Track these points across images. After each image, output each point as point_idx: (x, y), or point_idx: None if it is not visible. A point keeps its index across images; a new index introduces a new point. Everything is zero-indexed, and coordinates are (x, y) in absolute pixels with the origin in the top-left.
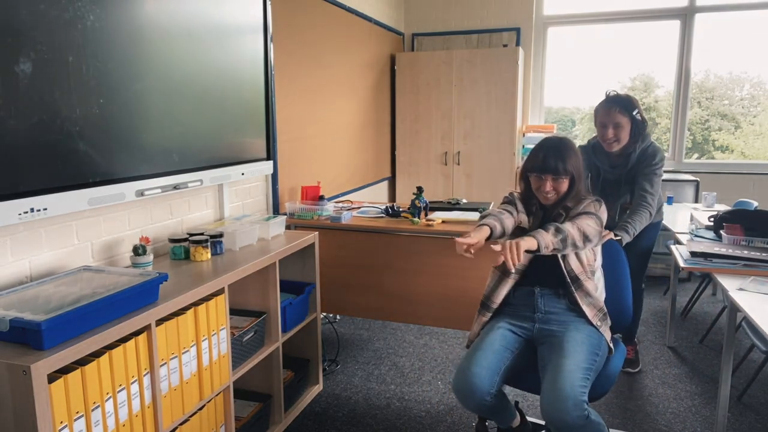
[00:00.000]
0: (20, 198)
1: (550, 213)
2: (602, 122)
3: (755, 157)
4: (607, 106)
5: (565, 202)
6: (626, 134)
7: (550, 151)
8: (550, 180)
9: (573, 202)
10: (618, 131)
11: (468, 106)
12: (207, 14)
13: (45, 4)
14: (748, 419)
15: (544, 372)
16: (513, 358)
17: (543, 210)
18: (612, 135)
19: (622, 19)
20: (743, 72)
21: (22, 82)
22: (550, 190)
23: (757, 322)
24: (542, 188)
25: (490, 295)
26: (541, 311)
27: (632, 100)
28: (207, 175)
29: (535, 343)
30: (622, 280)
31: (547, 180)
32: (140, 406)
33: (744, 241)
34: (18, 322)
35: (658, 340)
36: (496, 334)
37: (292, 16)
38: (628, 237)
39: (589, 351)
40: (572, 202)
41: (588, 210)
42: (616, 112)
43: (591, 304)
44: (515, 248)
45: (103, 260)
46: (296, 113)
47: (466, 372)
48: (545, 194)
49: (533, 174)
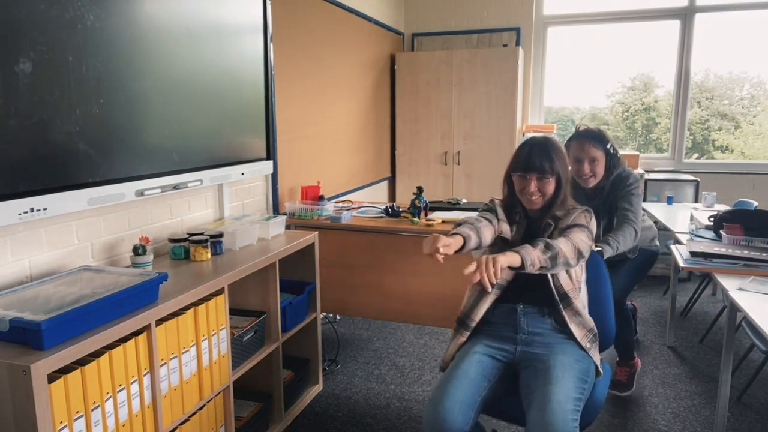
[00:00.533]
0: (20, 198)
1: (537, 223)
2: (577, 157)
3: (755, 157)
4: (581, 141)
5: (553, 209)
6: (602, 168)
7: (536, 149)
8: (535, 180)
9: (561, 211)
10: (594, 166)
11: (468, 106)
12: (207, 14)
13: (45, 4)
14: (748, 419)
15: (529, 401)
16: (491, 387)
17: (528, 219)
18: (588, 170)
19: (622, 19)
20: (743, 72)
21: (22, 82)
22: (535, 191)
23: (757, 322)
24: (526, 189)
25: (468, 312)
26: (524, 332)
27: (604, 133)
28: (207, 175)
29: (516, 368)
30: (604, 296)
31: (531, 180)
32: (140, 406)
33: (744, 241)
34: (18, 322)
35: (658, 340)
36: (472, 360)
37: (292, 16)
38: (610, 250)
39: (578, 378)
40: (560, 210)
41: (579, 222)
42: (590, 146)
43: (580, 324)
44: (491, 264)
45: (103, 260)
46: (296, 113)
47: (438, 406)
48: (529, 196)
49: (517, 174)
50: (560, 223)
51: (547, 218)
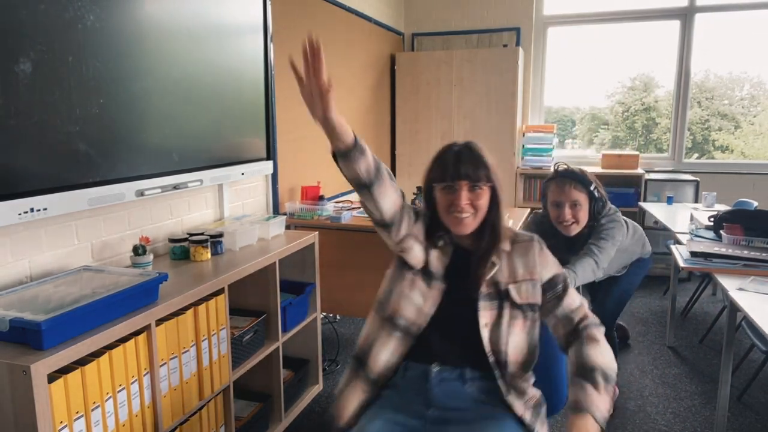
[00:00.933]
0: (20, 198)
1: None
2: (556, 201)
3: (755, 157)
4: (561, 183)
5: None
6: (585, 213)
7: (464, 153)
8: (466, 190)
9: (508, 242)
10: (576, 211)
11: (468, 106)
12: (207, 14)
13: (45, 4)
14: (748, 419)
15: None
16: None
17: (457, 251)
18: (570, 216)
19: (622, 19)
20: (743, 72)
21: (22, 82)
22: (467, 206)
23: (757, 322)
24: (456, 203)
25: (367, 349)
26: (437, 405)
27: (586, 174)
28: (207, 175)
29: None
30: (553, 347)
31: (461, 190)
32: (140, 406)
33: (744, 241)
34: (18, 322)
35: (658, 340)
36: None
37: (292, 16)
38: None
39: None
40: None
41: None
42: (571, 189)
43: (522, 392)
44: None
45: (103, 260)
46: (296, 113)
47: None
48: (458, 214)
49: (441, 185)
50: (517, 264)
51: (482, 246)
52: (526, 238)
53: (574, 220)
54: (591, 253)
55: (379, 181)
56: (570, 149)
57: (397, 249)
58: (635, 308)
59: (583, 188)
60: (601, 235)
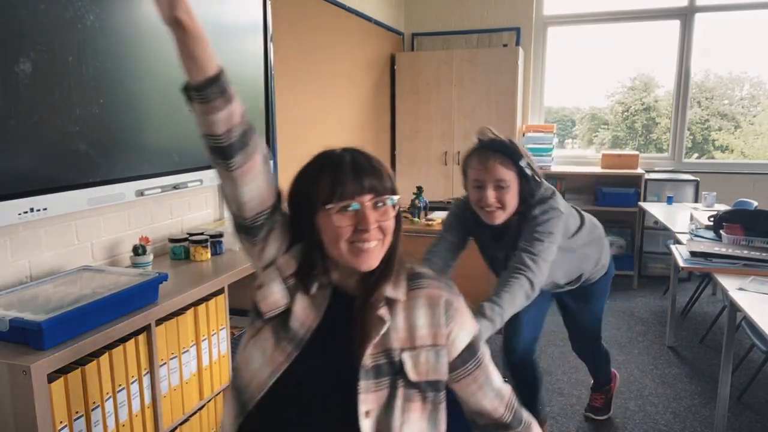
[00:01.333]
0: (20, 198)
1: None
2: (477, 180)
3: (755, 156)
4: (483, 157)
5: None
6: (513, 197)
7: (360, 160)
8: (370, 207)
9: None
10: (502, 193)
11: (468, 106)
12: (207, 14)
13: (45, 4)
14: (748, 419)
15: None
16: None
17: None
18: (493, 199)
19: (622, 19)
20: (743, 72)
21: (22, 82)
22: (376, 230)
23: (757, 322)
24: (364, 224)
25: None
26: None
27: (516, 145)
28: (207, 175)
29: None
30: None
31: (366, 208)
32: (140, 406)
33: (744, 241)
34: (18, 322)
35: (658, 340)
36: None
37: (292, 16)
38: (490, 328)
39: None
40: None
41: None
42: (496, 165)
43: None
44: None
45: (103, 260)
46: (296, 113)
47: None
48: (362, 243)
49: (336, 206)
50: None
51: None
52: (433, 282)
53: (498, 205)
54: (522, 269)
55: (243, 151)
56: (570, 149)
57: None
58: (635, 308)
59: (511, 164)
60: (535, 233)
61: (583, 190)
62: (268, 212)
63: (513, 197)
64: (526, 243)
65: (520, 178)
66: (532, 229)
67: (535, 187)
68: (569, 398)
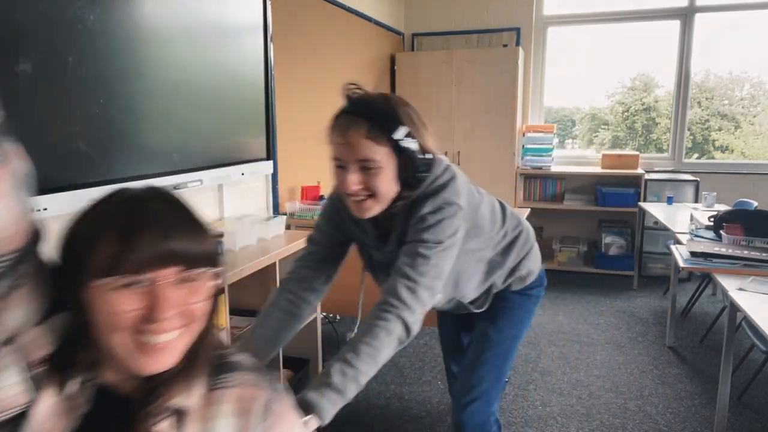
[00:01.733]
0: None
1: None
2: (337, 159)
3: (755, 157)
4: (344, 126)
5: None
6: (387, 182)
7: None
8: (171, 284)
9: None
10: (370, 178)
11: (468, 106)
12: (207, 14)
13: (45, 4)
14: (748, 419)
15: None
16: None
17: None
18: (357, 186)
19: (622, 19)
20: (743, 72)
21: (22, 82)
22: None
23: (757, 322)
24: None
25: None
26: None
27: (396, 106)
28: (207, 175)
29: None
30: None
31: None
32: None
33: (744, 241)
34: None
35: (658, 340)
36: None
37: (292, 16)
38: (339, 401)
39: None
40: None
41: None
42: (358, 137)
43: None
44: None
45: None
46: (296, 113)
47: None
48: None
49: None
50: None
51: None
52: (246, 378)
53: (368, 194)
54: (393, 305)
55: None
56: (570, 149)
57: None
58: (635, 308)
59: (381, 136)
60: (419, 244)
61: (583, 190)
62: (10, 259)
63: (387, 182)
64: (406, 259)
65: (399, 156)
66: (417, 236)
67: (424, 168)
68: (569, 398)
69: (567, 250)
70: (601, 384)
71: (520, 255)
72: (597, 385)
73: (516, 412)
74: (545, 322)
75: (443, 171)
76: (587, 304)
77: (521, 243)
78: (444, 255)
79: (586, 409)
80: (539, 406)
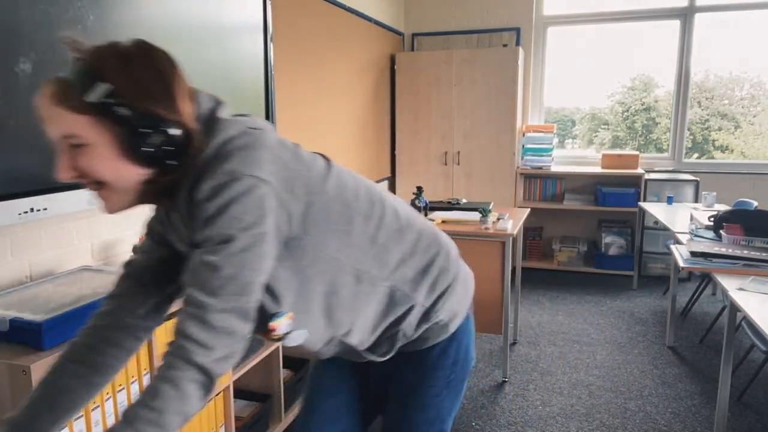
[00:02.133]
0: (20, 198)
1: None
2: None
3: (755, 157)
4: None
5: None
6: (107, 162)
7: None
8: None
9: None
10: (80, 161)
11: (468, 106)
12: (207, 14)
13: (45, 4)
14: (748, 419)
15: None
16: None
17: None
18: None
19: (622, 19)
20: (743, 72)
21: (22, 82)
22: None
23: (757, 322)
24: None
25: None
26: None
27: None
28: None
29: None
30: None
31: None
32: None
33: (744, 241)
34: (18, 321)
35: (658, 340)
36: None
37: (292, 16)
38: None
39: None
40: None
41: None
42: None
43: None
44: None
45: (103, 260)
46: (296, 113)
47: None
48: None
49: None
50: None
51: None
52: None
53: (91, 181)
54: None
55: None
56: (570, 149)
57: None
58: (635, 308)
59: (71, 98)
60: (201, 254)
61: (584, 190)
62: None
63: (104, 162)
64: (188, 277)
65: (116, 126)
66: (196, 237)
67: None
68: (569, 398)
69: (567, 250)
70: (601, 384)
71: (438, 289)
72: (597, 385)
73: (516, 412)
74: (545, 322)
75: (239, 134)
76: (587, 304)
77: (438, 270)
78: (244, 258)
79: (586, 409)
80: (539, 406)
